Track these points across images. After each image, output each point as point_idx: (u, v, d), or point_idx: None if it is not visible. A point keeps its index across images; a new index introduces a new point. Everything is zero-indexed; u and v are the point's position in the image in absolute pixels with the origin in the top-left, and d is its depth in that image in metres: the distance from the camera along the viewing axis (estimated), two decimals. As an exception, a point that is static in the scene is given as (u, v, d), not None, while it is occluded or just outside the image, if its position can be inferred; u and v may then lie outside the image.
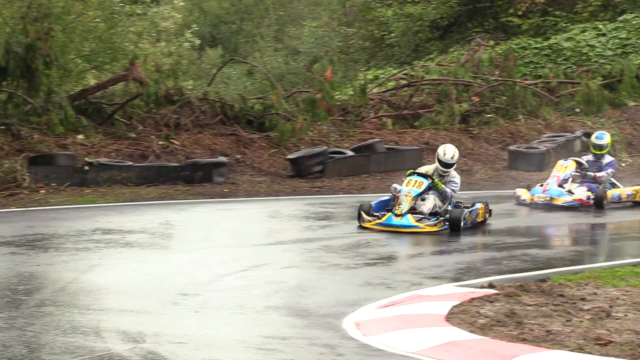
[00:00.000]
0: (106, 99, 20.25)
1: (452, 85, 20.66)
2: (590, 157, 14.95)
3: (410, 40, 25.85)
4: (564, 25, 24.50)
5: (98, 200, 16.48)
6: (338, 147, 18.46)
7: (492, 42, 23.16)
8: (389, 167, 19.19)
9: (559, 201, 14.21)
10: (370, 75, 23.41)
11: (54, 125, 18.23)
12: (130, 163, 17.63)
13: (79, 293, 9.52)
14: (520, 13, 25.75)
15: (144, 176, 18.20)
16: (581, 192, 14.28)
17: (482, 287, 9.24)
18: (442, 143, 18.14)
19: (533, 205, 15.19)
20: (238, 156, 18.21)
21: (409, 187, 11.56)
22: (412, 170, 11.67)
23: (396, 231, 11.56)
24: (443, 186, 10.96)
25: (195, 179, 17.29)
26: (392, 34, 26.49)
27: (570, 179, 15.78)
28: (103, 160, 17.42)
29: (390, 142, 19.65)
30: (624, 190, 14.87)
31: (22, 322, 7.87)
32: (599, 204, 14.23)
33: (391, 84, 21.99)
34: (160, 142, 18.47)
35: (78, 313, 8.49)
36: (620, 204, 15.41)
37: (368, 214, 11.87)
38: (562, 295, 8.77)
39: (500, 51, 22.18)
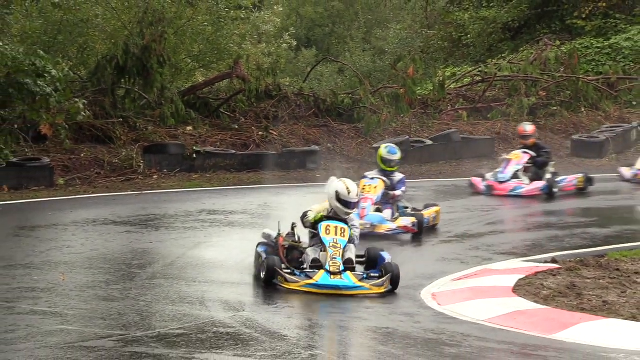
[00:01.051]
0: (212, 94, 20.36)
1: (522, 81, 21.26)
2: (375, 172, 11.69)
3: (485, 41, 26.48)
4: (624, 26, 24.89)
5: (204, 184, 16.41)
6: (419, 137, 18.50)
7: (558, 42, 23.56)
8: (464, 155, 19.07)
9: (382, 229, 11.18)
10: (448, 73, 23.80)
11: (166, 118, 18.16)
12: (234, 151, 17.54)
13: (186, 267, 9.40)
14: (584, 16, 25.98)
15: (245, 163, 17.92)
16: (405, 220, 11.40)
17: (546, 262, 9.20)
18: (512, 134, 19.14)
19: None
20: (329, 145, 18.24)
21: (331, 236, 8.09)
22: (321, 215, 8.00)
23: (334, 293, 8.09)
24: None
25: (291, 166, 17.10)
26: (469, 35, 27.12)
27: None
28: (209, 149, 17.33)
29: (466, 132, 19.90)
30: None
31: (136, 292, 7.94)
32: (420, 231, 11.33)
33: (467, 80, 22.82)
34: (260, 133, 18.34)
35: (185, 285, 8.48)
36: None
37: (282, 269, 7.94)
38: (617, 270, 8.82)
39: (565, 50, 22.55)
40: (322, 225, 7.78)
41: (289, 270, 7.84)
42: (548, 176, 14.24)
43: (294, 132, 18.69)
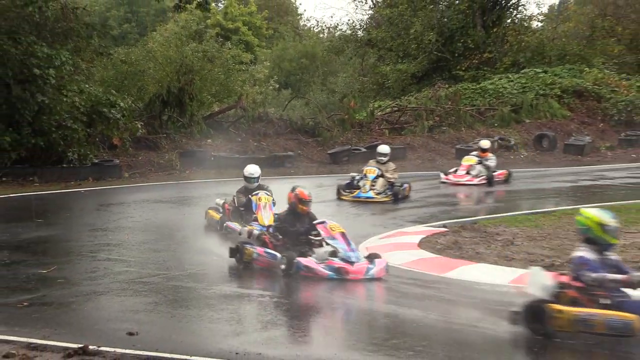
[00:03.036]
0: (224, 118, 21.21)
1: (423, 110, 22.70)
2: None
3: (400, 84, 27.73)
4: (490, 75, 25.96)
5: (219, 177, 15.74)
6: (357, 146, 18.98)
7: (447, 85, 24.91)
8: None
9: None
10: (376, 105, 25.06)
11: (194, 134, 18.74)
12: (237, 155, 17.19)
13: (207, 230, 9.84)
14: (463, 68, 27.71)
15: (246, 163, 14.76)
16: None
17: (440, 227, 9.42)
18: (419, 145, 19.91)
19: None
20: (299, 152, 19.13)
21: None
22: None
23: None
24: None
25: (274, 165, 16.97)
26: (389, 81, 28.18)
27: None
28: (222, 154, 17.31)
29: (388, 143, 18.70)
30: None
31: (174, 246, 8.69)
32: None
33: (388, 110, 23.93)
34: (255, 143, 19.06)
35: (206, 241, 9.25)
36: None
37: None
38: (485, 232, 8.97)
39: (451, 90, 23.94)
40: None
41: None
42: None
43: (276, 143, 19.39)
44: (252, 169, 9.20)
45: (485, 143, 14.28)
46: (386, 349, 4.90)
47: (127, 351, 4.71)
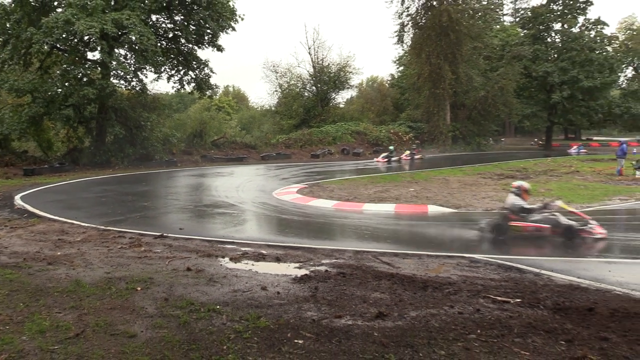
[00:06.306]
0: (220, 141, 36.82)
1: (300, 139, 42.85)
2: None
3: (289, 129, 49.22)
4: (323, 125, 48.72)
5: (216, 165, 30.03)
6: (272, 152, 36.74)
7: (308, 129, 45.87)
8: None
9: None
10: (278, 137, 43.71)
11: (206, 148, 34.95)
12: (226, 157, 32.81)
13: (218, 188, 19.23)
14: (314, 123, 50.47)
15: (231, 160, 32.91)
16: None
17: (305, 185, 13.78)
18: (296, 153, 39.74)
19: None
20: (248, 155, 35.62)
21: None
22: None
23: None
24: None
25: (238, 161, 32.98)
26: (284, 128, 49.83)
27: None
28: (217, 156, 33.05)
29: (286, 152, 38.40)
30: None
31: (199, 197, 16.63)
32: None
33: (284, 139, 43.49)
34: (230, 152, 35.32)
35: (216, 193, 16.17)
36: None
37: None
38: (322, 186, 13.86)
39: (308, 131, 45.21)
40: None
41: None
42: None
43: (239, 152, 35.61)
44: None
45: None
46: (280, 233, 9.48)
47: (178, 236, 9.28)
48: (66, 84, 26.11)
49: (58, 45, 26.73)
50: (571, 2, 52.52)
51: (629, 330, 4.92)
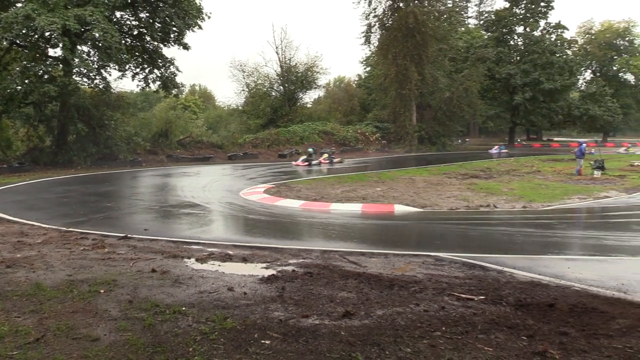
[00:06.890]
0: (186, 141, 36.99)
1: (266, 139, 43.87)
2: None
3: (256, 129, 49.57)
4: (290, 124, 49.51)
5: (185, 166, 31.16)
6: (239, 152, 37.76)
7: (275, 129, 46.15)
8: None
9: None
10: (245, 137, 43.90)
11: (172, 149, 35.26)
12: (192, 157, 33.37)
13: (187, 188, 22.99)
14: (281, 123, 50.43)
15: (197, 160, 33.85)
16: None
17: (272, 185, 14.99)
18: (263, 153, 40.59)
19: None
20: (214, 155, 36.23)
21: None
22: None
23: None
24: None
25: (204, 160, 33.72)
26: (252, 127, 49.78)
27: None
28: (184, 155, 33.36)
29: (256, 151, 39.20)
30: None
31: (165, 197, 20.03)
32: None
33: (251, 139, 43.69)
34: (196, 151, 36.06)
35: (189, 193, 20.00)
36: None
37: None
38: (289, 186, 14.93)
39: (275, 131, 45.38)
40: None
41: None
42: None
43: (205, 151, 36.29)
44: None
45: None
46: (247, 233, 9.49)
47: (143, 237, 9.18)
48: (26, 81, 25.51)
49: (17, 42, 26.08)
50: (533, 6, 54.73)
51: (587, 324, 5.06)
